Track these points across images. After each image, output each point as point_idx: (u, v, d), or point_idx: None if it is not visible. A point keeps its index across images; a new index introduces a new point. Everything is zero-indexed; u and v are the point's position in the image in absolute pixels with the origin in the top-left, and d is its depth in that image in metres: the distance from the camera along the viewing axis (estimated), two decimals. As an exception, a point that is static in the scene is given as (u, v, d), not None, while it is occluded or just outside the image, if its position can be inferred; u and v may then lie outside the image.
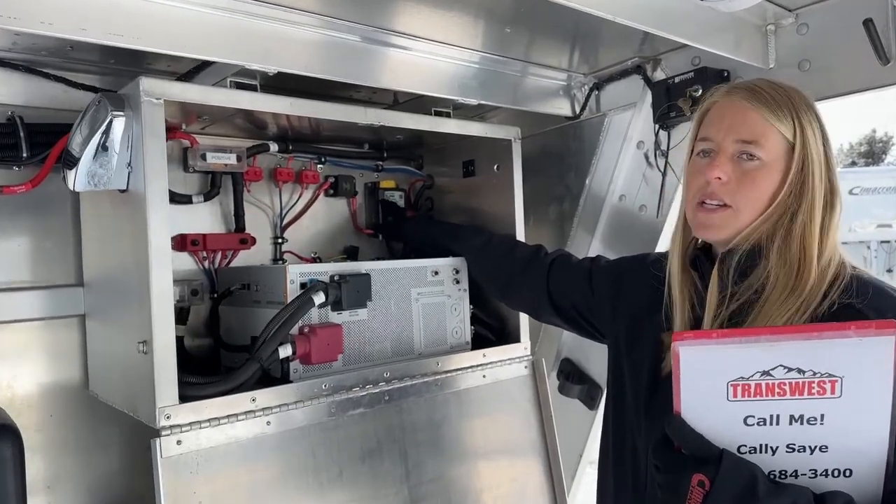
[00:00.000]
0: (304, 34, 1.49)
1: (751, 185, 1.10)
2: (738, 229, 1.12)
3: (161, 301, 1.28)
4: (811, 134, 1.09)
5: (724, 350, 0.92)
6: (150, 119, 1.28)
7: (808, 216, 1.08)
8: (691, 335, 0.94)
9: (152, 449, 1.26)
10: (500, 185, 1.92)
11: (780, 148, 1.09)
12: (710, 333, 0.95)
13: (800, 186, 1.08)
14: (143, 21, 1.26)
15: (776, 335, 0.90)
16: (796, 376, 0.90)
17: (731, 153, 1.11)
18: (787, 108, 1.10)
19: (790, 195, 1.09)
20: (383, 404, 1.58)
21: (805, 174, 1.09)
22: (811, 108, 1.13)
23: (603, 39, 1.80)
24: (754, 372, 0.91)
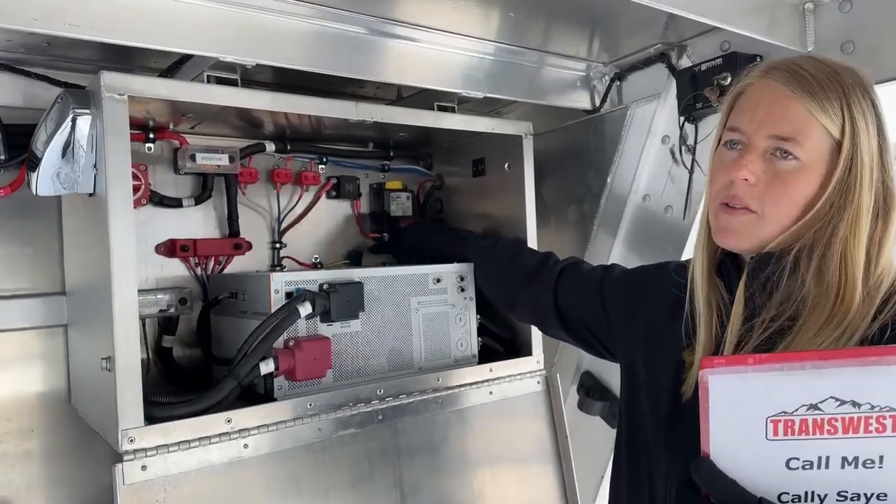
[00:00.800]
0: (286, 23, 1.37)
1: (781, 190, 0.92)
2: (762, 239, 0.95)
3: (123, 315, 1.18)
4: (863, 128, 0.91)
5: (762, 379, 0.76)
6: (111, 116, 1.18)
7: (853, 229, 0.90)
8: (723, 361, 0.78)
9: (113, 476, 1.16)
10: (511, 185, 1.78)
11: (823, 146, 0.91)
12: (746, 359, 0.77)
13: (844, 193, 0.90)
14: (101, 10, 1.16)
15: (826, 360, 0.74)
16: (850, 410, 0.74)
17: (764, 149, 0.94)
18: (835, 97, 0.91)
19: (831, 204, 0.91)
20: (376, 424, 1.45)
21: (852, 179, 0.90)
22: (867, 92, 0.94)
23: (623, 25, 1.64)
24: (799, 405, 0.75)
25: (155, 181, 1.64)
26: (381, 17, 1.49)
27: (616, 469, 1.21)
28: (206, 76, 1.34)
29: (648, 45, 1.71)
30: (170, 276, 1.67)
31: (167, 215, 1.66)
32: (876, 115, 0.93)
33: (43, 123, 1.28)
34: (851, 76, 0.94)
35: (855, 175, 0.90)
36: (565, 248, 2.02)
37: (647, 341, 1.17)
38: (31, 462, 1.56)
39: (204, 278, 1.69)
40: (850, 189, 0.90)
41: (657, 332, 1.15)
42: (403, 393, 1.50)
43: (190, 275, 1.68)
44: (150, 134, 1.58)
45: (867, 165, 0.90)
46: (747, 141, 0.95)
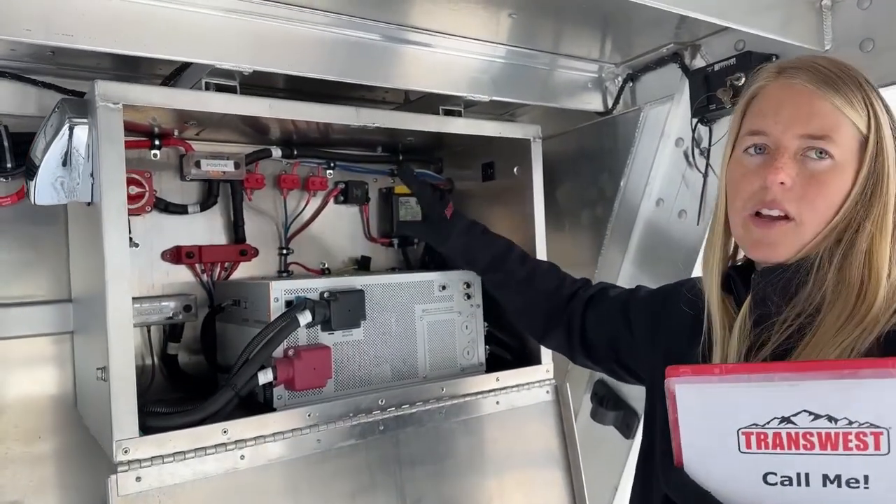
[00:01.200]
0: (286, 29, 1.36)
1: (818, 191, 0.88)
2: (800, 247, 0.90)
3: (118, 325, 1.17)
4: (885, 122, 0.89)
5: (730, 390, 0.73)
6: (106, 125, 1.17)
7: (879, 225, 0.87)
8: (689, 370, 0.75)
9: (107, 487, 1.15)
10: (520, 189, 1.74)
11: (853, 143, 0.88)
12: (712, 368, 0.76)
13: (871, 189, 0.88)
14: (95, 19, 1.15)
15: (796, 372, 0.71)
16: (826, 425, 0.70)
17: (794, 151, 0.89)
18: (857, 91, 0.88)
19: (858, 202, 0.87)
20: (377, 435, 1.43)
21: (879, 173, 0.88)
22: (876, 90, 0.92)
23: (635, 24, 1.59)
24: (771, 418, 0.72)
25: (161, 188, 1.64)
26: (388, 23, 1.47)
27: (633, 485, 1.17)
28: (204, 83, 1.32)
29: (661, 45, 1.66)
30: (176, 283, 1.67)
31: (173, 222, 1.66)
32: (888, 111, 0.91)
33: (42, 132, 1.28)
34: (861, 73, 0.92)
35: (881, 169, 0.87)
36: (578, 253, 1.99)
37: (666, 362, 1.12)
38: (40, 466, 1.56)
39: (210, 285, 1.68)
40: (878, 184, 0.87)
41: (676, 351, 1.10)
42: (406, 403, 1.47)
43: (196, 281, 1.68)
44: (156, 141, 1.58)
45: (892, 158, 0.88)
46: (775, 144, 0.90)
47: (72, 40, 1.14)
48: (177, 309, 1.60)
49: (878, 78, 0.96)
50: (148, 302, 1.57)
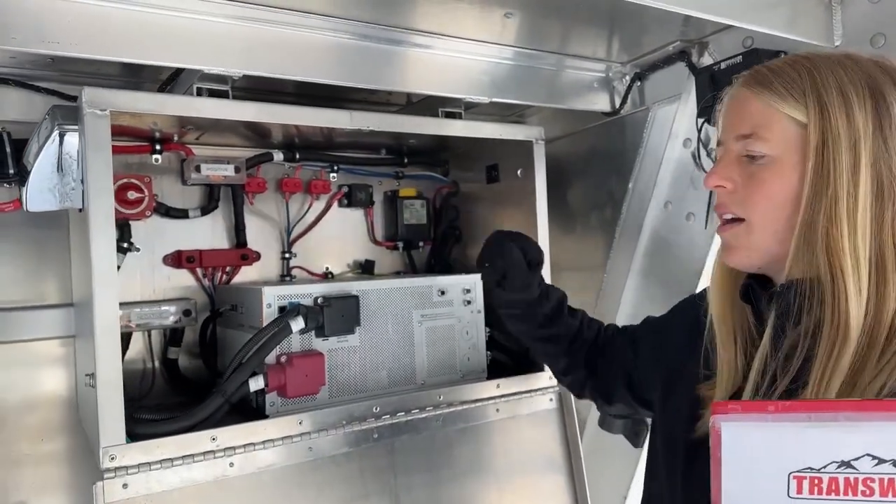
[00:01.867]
0: (278, 33, 1.35)
1: (756, 189, 0.85)
2: (759, 250, 0.87)
3: (105, 331, 1.17)
4: (838, 105, 0.80)
5: (785, 430, 0.66)
6: (93, 131, 1.17)
7: (833, 216, 0.79)
8: (738, 407, 0.68)
9: (93, 494, 1.15)
10: (524, 192, 1.71)
11: (790, 135, 0.82)
12: (766, 405, 0.68)
13: (820, 181, 0.80)
14: (79, 27, 1.15)
15: (861, 411, 0.64)
16: (890, 471, 0.63)
17: (736, 154, 0.87)
18: (799, 81, 0.83)
19: (813, 195, 0.80)
20: (371, 443, 1.41)
21: (825, 162, 0.79)
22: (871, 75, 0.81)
23: (641, 22, 1.54)
24: (829, 462, 0.65)
25: (163, 192, 1.64)
26: (385, 25, 1.45)
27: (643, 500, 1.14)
28: (195, 88, 1.32)
29: (668, 43, 1.61)
30: (178, 287, 1.67)
31: (174, 226, 1.66)
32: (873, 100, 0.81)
33: (35, 137, 1.28)
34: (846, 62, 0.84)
35: (829, 157, 0.80)
36: (587, 257, 1.95)
37: (666, 379, 1.09)
38: (44, 468, 1.58)
39: (211, 289, 1.68)
40: (826, 174, 0.80)
41: (675, 367, 1.06)
42: (402, 410, 1.45)
43: (198, 286, 1.68)
44: (157, 146, 1.58)
45: (845, 145, 0.79)
46: (723, 150, 0.90)
47: (58, 47, 1.14)
48: (177, 313, 1.60)
49: None
50: (148, 306, 1.57)
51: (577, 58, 1.72)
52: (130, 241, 1.57)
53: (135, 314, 1.55)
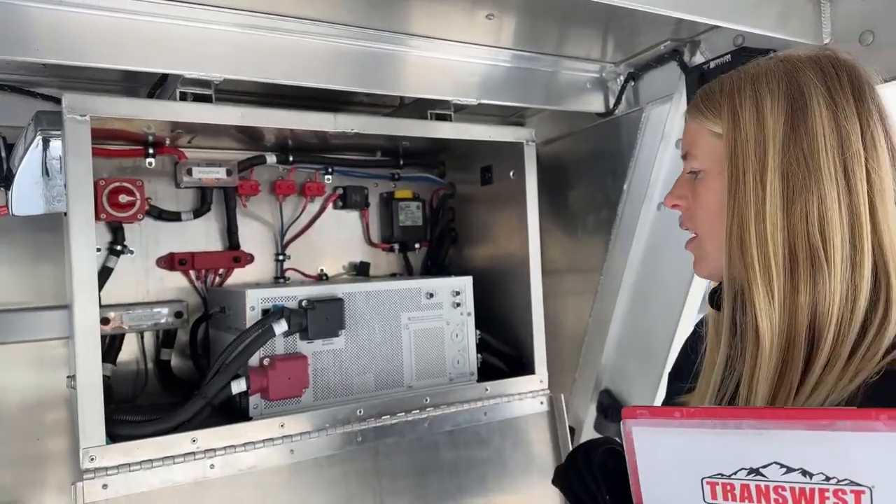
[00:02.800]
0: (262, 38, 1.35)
1: (696, 204, 0.89)
2: (713, 260, 0.87)
3: (84, 334, 1.19)
4: (749, 113, 0.81)
5: (693, 436, 0.66)
6: (73, 137, 1.18)
7: (742, 222, 0.80)
8: (646, 412, 0.69)
9: (72, 494, 1.17)
10: (517, 193, 1.70)
11: (712, 149, 0.85)
12: (672, 412, 0.68)
13: (733, 186, 0.81)
14: (63, 34, 1.17)
15: (766, 420, 0.63)
16: (800, 479, 0.62)
17: (686, 174, 0.91)
18: (720, 99, 0.85)
19: (730, 202, 0.82)
20: (355, 446, 1.41)
21: (736, 168, 0.81)
22: (790, 75, 0.81)
23: (633, 21, 1.52)
24: (738, 468, 0.65)
25: (157, 196, 1.66)
26: (373, 28, 1.45)
27: None
28: (178, 93, 1.33)
29: (660, 42, 1.58)
30: (171, 290, 1.68)
31: (167, 229, 1.68)
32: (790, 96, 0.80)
33: (21, 142, 1.31)
34: (778, 63, 0.84)
35: (738, 164, 0.81)
36: (584, 258, 1.93)
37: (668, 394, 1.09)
38: (39, 467, 1.61)
39: (204, 292, 1.69)
40: (736, 181, 0.81)
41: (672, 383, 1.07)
42: (387, 413, 1.45)
43: (191, 288, 1.70)
44: (150, 149, 1.60)
45: (752, 151, 0.80)
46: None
47: (38, 55, 1.16)
48: (169, 315, 1.61)
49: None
50: (141, 308, 1.59)
51: (570, 58, 1.70)
52: (124, 243, 1.59)
53: (127, 316, 1.57)
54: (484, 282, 1.74)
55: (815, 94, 0.79)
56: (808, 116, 0.78)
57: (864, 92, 0.80)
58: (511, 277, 1.72)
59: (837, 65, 0.81)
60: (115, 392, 1.58)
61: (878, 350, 0.72)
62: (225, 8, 1.29)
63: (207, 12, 1.28)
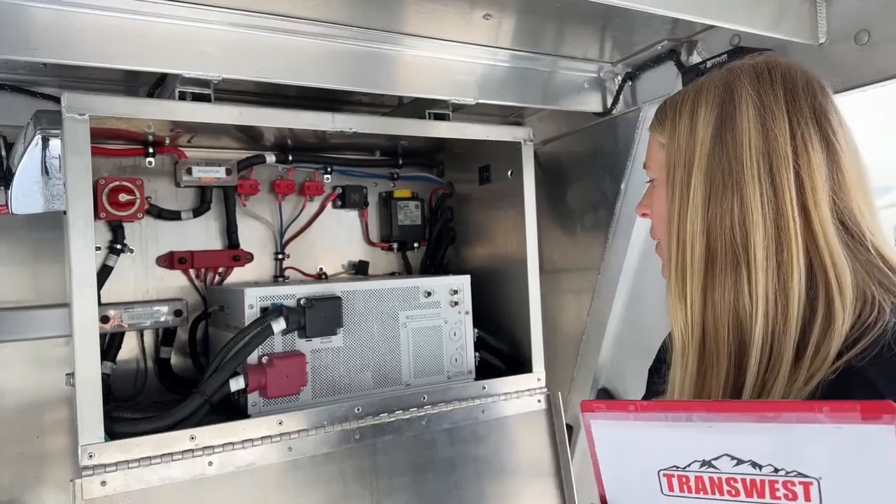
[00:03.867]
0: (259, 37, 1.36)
1: (652, 212, 0.94)
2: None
3: (83, 332, 1.20)
4: (685, 123, 0.85)
5: (647, 429, 0.68)
6: (72, 136, 1.19)
7: (670, 226, 0.86)
8: (603, 406, 0.71)
9: (71, 491, 1.17)
10: (514, 192, 1.70)
11: (659, 158, 0.90)
12: (627, 405, 0.69)
13: (668, 193, 0.87)
14: (57, 33, 1.17)
15: (715, 412, 0.64)
16: (751, 472, 0.64)
17: (649, 185, 0.98)
18: (666, 111, 0.91)
19: (669, 205, 0.87)
20: (353, 443, 1.41)
21: (670, 175, 0.86)
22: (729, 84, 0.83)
23: (630, 21, 1.52)
24: (692, 461, 0.66)
25: (157, 195, 1.67)
26: (370, 28, 1.45)
27: None
28: (177, 92, 1.34)
29: (657, 42, 1.59)
30: (171, 288, 1.69)
31: (168, 228, 1.68)
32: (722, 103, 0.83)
33: (20, 141, 1.31)
34: (723, 72, 0.86)
35: (671, 172, 0.86)
36: (583, 258, 1.93)
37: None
38: (38, 465, 1.62)
39: (203, 290, 1.70)
40: (670, 188, 0.86)
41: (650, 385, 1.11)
42: (384, 411, 1.45)
43: (191, 287, 1.71)
44: (150, 149, 1.61)
45: (684, 157, 0.84)
46: None
47: (35, 54, 1.16)
48: (168, 314, 1.62)
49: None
50: (140, 307, 1.60)
51: (568, 58, 1.71)
52: (124, 242, 1.60)
53: (127, 314, 1.58)
54: (482, 281, 1.75)
55: (746, 99, 0.81)
56: (735, 121, 0.81)
57: (797, 94, 0.81)
58: (509, 276, 1.73)
59: (773, 68, 0.83)
60: (115, 390, 1.59)
61: (829, 350, 0.72)
62: (224, 8, 1.29)
63: (207, 12, 1.29)
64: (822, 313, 0.74)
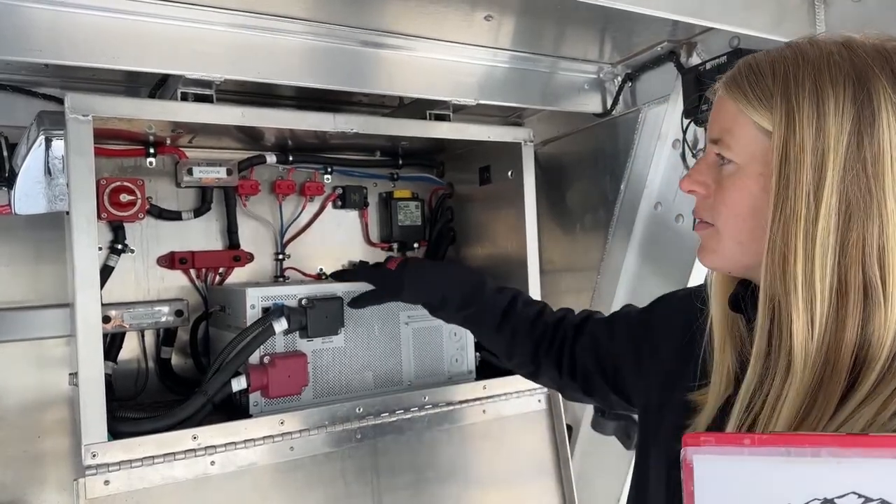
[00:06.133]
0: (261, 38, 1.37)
1: (720, 198, 0.81)
2: (727, 257, 0.83)
3: (86, 331, 1.20)
4: (808, 115, 0.71)
5: (762, 464, 0.61)
6: (75, 136, 1.19)
7: (787, 236, 0.72)
8: (712, 439, 0.63)
9: (75, 491, 1.18)
10: (515, 193, 1.71)
11: (756, 144, 0.76)
12: (741, 438, 0.62)
13: (782, 196, 0.72)
14: (61, 34, 1.18)
15: (846, 448, 0.59)
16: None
17: (712, 158, 0.82)
18: (772, 87, 0.74)
19: (776, 211, 0.73)
20: (354, 443, 1.42)
21: (787, 177, 0.72)
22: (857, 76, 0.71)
23: (630, 23, 1.53)
24: (811, 499, 0.60)
25: (158, 195, 1.67)
26: (370, 29, 1.46)
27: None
28: (179, 93, 1.34)
29: (657, 43, 1.60)
30: (172, 288, 1.70)
31: (168, 228, 1.69)
32: (856, 100, 0.71)
33: (24, 142, 1.32)
34: (842, 50, 0.73)
35: (790, 174, 0.72)
36: (583, 258, 1.94)
37: (662, 385, 1.03)
38: (40, 466, 1.62)
39: (204, 290, 1.71)
40: (786, 191, 0.72)
41: (671, 374, 1.01)
42: (385, 411, 1.46)
43: (192, 287, 1.71)
44: (151, 149, 1.61)
45: (809, 161, 0.71)
46: (705, 153, 0.86)
47: (40, 55, 1.17)
48: (169, 314, 1.62)
49: None
50: (141, 307, 1.60)
51: (568, 59, 1.72)
52: (125, 242, 1.60)
53: (128, 314, 1.58)
54: (482, 281, 1.76)
55: (886, 104, 0.70)
56: (875, 129, 0.70)
57: None
58: (509, 277, 1.74)
59: None
60: (116, 390, 1.59)
61: None
62: (227, 9, 1.30)
63: (209, 13, 1.29)
64: None
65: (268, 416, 1.34)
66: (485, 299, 1.35)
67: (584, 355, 1.23)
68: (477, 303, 1.35)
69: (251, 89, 1.67)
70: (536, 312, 1.33)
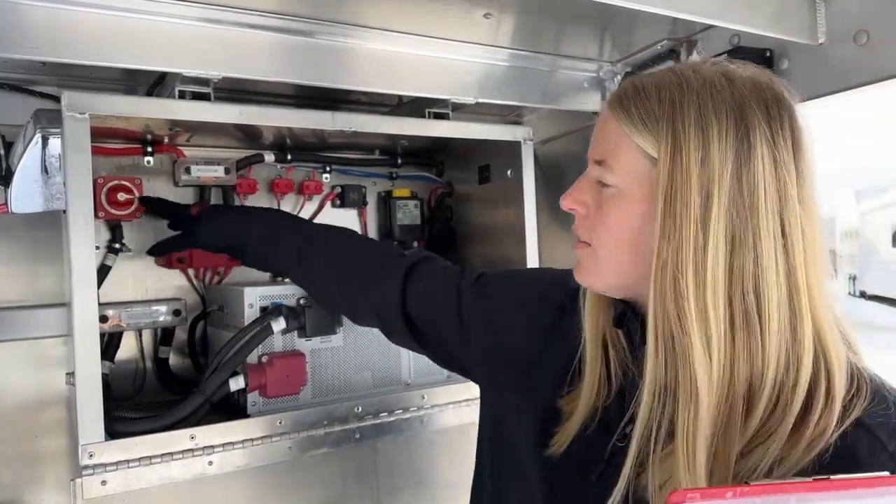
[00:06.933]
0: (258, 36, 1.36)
1: (599, 219, 0.80)
2: (606, 279, 0.83)
3: (83, 331, 1.19)
4: (694, 144, 0.71)
5: None
6: (72, 135, 1.19)
7: (678, 265, 0.71)
8: (698, 495, 0.65)
9: (72, 491, 1.17)
10: (514, 192, 1.70)
11: (638, 168, 0.76)
12: (723, 492, 0.64)
13: (669, 224, 0.72)
14: (58, 32, 1.17)
15: (815, 492, 0.61)
16: None
17: (594, 177, 0.82)
18: (658, 112, 0.74)
19: (663, 239, 0.73)
20: (353, 443, 1.41)
21: (674, 206, 0.72)
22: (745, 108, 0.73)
23: (630, 20, 1.53)
24: None
25: (155, 194, 1.66)
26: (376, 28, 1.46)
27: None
28: (177, 91, 1.33)
29: (656, 41, 1.59)
30: (170, 287, 1.69)
31: (166, 227, 1.68)
32: (737, 131, 0.72)
33: (20, 140, 1.31)
34: (721, 80, 0.75)
35: (677, 203, 0.72)
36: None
37: (523, 368, 1.01)
38: (38, 466, 1.61)
39: (202, 290, 1.70)
40: (674, 220, 0.72)
41: (527, 365, 1.00)
42: (384, 411, 1.45)
43: (189, 286, 1.70)
44: (149, 147, 1.61)
45: (696, 191, 0.71)
46: (586, 171, 0.85)
47: (37, 53, 1.16)
48: (167, 314, 1.61)
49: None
50: (139, 307, 1.60)
51: (567, 58, 1.71)
52: (122, 241, 1.59)
53: (126, 314, 1.57)
54: (482, 280, 1.75)
55: (761, 137, 0.72)
56: (752, 161, 0.71)
57: (801, 140, 0.74)
58: (508, 276, 1.73)
59: (781, 104, 0.74)
60: (114, 390, 1.58)
61: (829, 425, 0.68)
62: (227, 7, 1.29)
63: (208, 10, 1.28)
64: (825, 385, 0.70)
65: (266, 415, 1.34)
66: (285, 248, 1.32)
67: (418, 303, 1.17)
68: (280, 256, 1.34)
69: (248, 87, 1.66)
70: (351, 247, 1.31)
